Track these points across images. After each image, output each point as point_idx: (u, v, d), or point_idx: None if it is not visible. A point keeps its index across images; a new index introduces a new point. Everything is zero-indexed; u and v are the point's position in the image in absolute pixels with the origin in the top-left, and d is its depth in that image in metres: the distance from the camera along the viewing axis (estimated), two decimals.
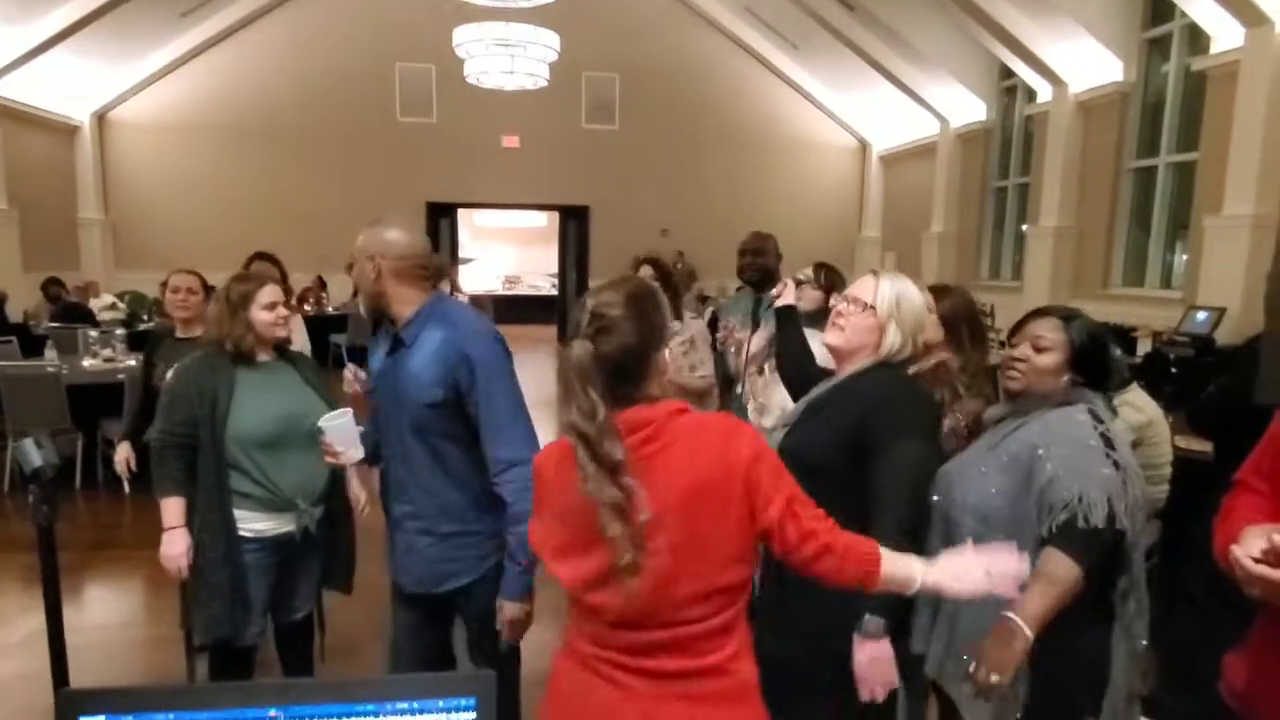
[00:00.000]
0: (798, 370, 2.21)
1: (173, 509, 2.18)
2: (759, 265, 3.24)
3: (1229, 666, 1.40)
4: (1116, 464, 1.53)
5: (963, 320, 2.13)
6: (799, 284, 2.59)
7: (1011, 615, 1.48)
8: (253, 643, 2.28)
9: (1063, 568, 1.49)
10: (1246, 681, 1.35)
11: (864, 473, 1.64)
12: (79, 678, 1.43)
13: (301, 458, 2.20)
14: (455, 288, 4.68)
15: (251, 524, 2.19)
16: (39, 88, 10.34)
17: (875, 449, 1.64)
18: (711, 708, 1.23)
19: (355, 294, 3.62)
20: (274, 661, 2.54)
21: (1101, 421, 1.60)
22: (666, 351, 1.26)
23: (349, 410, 1.96)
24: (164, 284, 3.11)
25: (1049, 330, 1.67)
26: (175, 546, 2.17)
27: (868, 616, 1.55)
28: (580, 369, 1.16)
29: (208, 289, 2.95)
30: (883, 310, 1.76)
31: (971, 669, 1.50)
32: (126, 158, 12.23)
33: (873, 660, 1.55)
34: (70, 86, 10.98)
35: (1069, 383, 1.66)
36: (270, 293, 2.25)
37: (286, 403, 2.22)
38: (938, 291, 2.15)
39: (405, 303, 1.90)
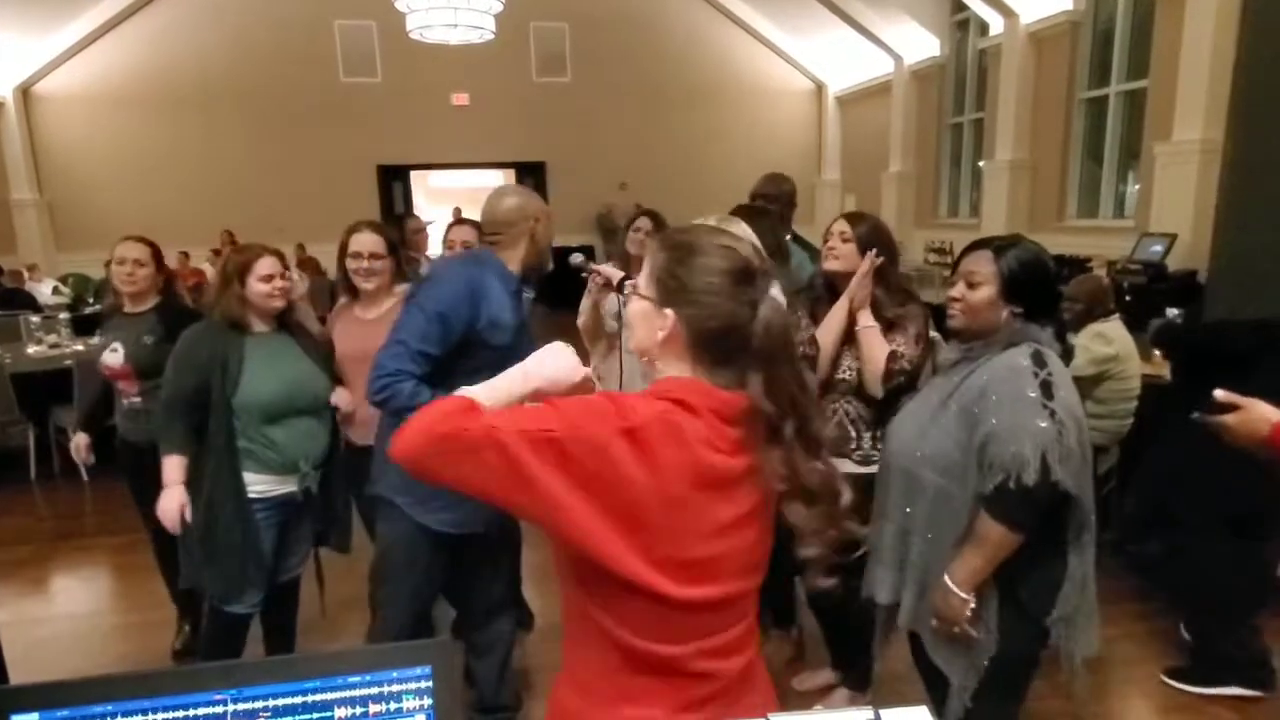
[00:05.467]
0: None
1: (173, 466, 2.28)
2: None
3: None
4: (1053, 413, 1.52)
5: (877, 243, 2.23)
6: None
7: (945, 579, 1.61)
8: (250, 611, 2.37)
9: (994, 532, 1.56)
10: None
11: None
12: (50, 669, 1.40)
13: (303, 423, 2.35)
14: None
15: (256, 485, 2.29)
16: None
17: None
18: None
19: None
20: (256, 636, 2.55)
21: (1044, 365, 1.57)
22: None
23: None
24: (109, 262, 2.96)
25: (980, 264, 1.65)
26: (172, 501, 2.26)
27: None
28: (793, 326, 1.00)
29: (160, 261, 2.84)
30: None
31: (935, 626, 1.65)
32: (58, 133, 11.64)
33: None
34: None
35: (1010, 316, 1.63)
36: (267, 264, 2.31)
37: (291, 372, 2.34)
38: (854, 218, 2.31)
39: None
